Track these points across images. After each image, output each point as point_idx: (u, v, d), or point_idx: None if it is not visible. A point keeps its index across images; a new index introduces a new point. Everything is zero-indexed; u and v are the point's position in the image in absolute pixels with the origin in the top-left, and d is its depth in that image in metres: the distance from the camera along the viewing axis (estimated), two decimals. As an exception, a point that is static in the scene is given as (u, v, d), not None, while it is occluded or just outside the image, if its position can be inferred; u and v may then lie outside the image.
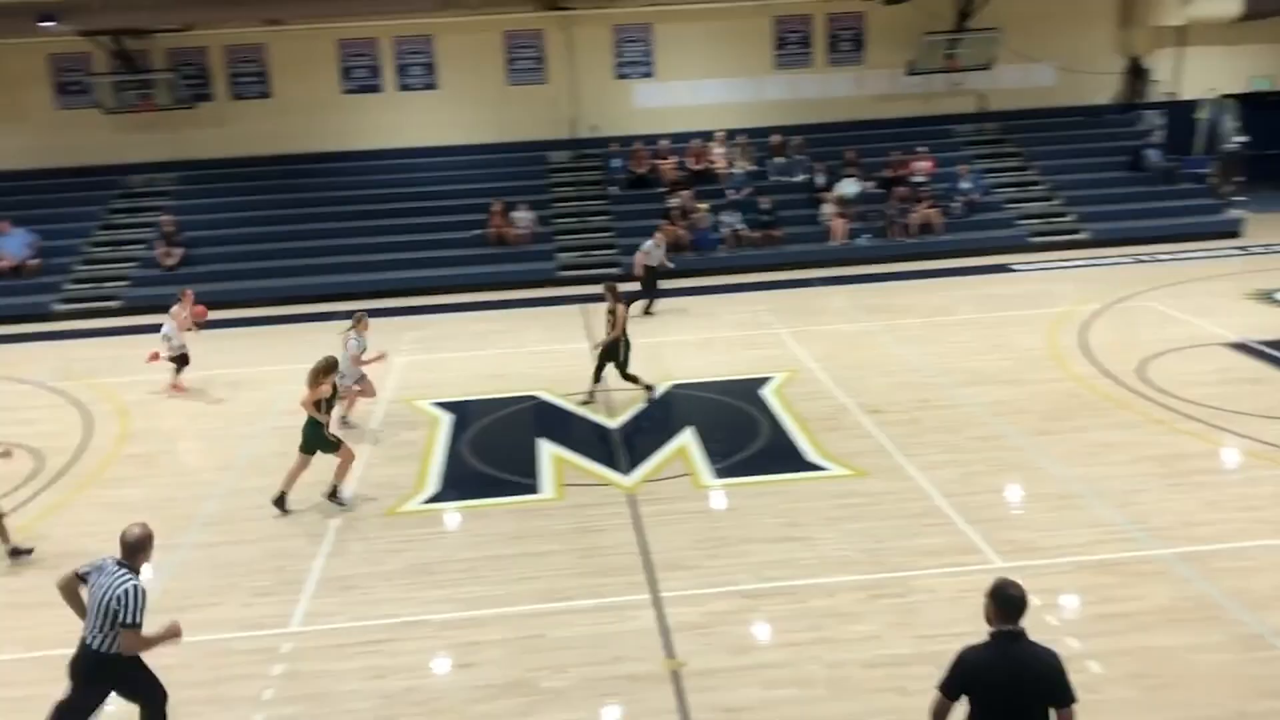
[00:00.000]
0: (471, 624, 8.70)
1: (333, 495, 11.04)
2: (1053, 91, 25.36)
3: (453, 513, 11.01)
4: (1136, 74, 25.50)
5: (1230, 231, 22.31)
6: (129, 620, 6.35)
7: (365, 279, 21.39)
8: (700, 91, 24.93)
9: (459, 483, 11.74)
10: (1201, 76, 25.49)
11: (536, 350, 16.93)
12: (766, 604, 8.75)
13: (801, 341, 16.45)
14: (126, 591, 6.37)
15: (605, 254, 22.45)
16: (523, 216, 22.66)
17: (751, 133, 24.43)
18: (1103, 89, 25.59)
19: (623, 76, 24.83)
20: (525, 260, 22.16)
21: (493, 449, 12.76)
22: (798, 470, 11.54)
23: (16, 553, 10.08)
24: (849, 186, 23.02)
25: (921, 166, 23.35)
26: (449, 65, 24.48)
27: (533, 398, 14.51)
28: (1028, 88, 25.28)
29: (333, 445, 10.92)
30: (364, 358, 13.19)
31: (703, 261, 21.91)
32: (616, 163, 24.12)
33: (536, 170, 24.48)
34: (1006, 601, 5.27)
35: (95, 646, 6.47)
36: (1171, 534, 9.56)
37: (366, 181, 23.83)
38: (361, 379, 13.32)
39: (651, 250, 18.72)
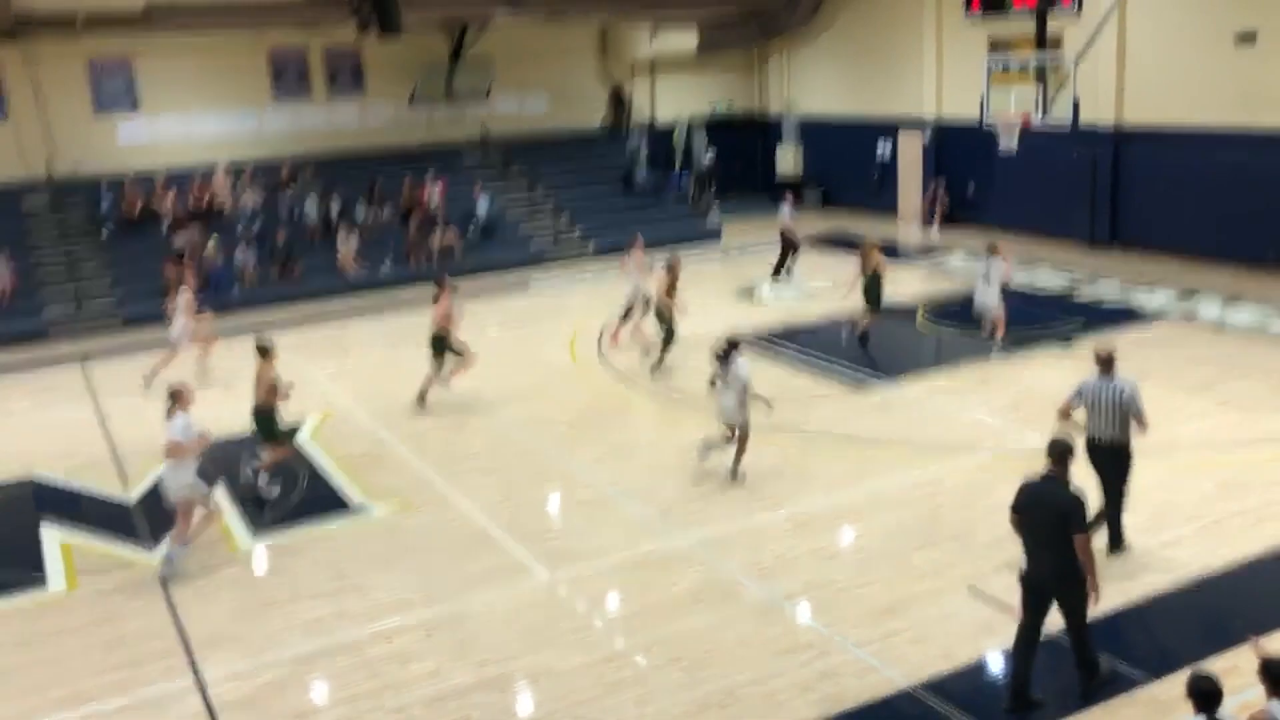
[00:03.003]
0: (-24, 755, 7.54)
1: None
2: (547, 118, 26.96)
3: (-64, 628, 9.44)
4: (619, 101, 27.84)
5: (714, 237, 25.00)
6: (1140, 411, 8.76)
7: None
8: (195, 125, 23.51)
9: (-62, 592, 10.08)
10: (673, 102, 28.42)
11: (25, 421, 14.99)
12: (322, 662, 8.44)
13: (333, 379, 16.07)
14: (1136, 389, 8.83)
15: (104, 302, 20.46)
16: (-4, 270, 19.99)
17: (257, 166, 23.42)
18: (592, 115, 27.64)
19: (104, 111, 22.72)
20: (6, 318, 19.54)
21: (-19, 544, 11.12)
22: (343, 515, 11.24)
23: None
24: (310, 207, 22.85)
25: (434, 192, 23.69)
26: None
27: (28, 479, 12.84)
28: (524, 115, 26.68)
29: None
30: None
31: (218, 302, 20.66)
32: (107, 203, 22.01)
33: (10, 217, 21.69)
34: (1049, 449, 7.26)
35: (1108, 439, 8.88)
36: (691, 522, 10.54)
37: None
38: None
39: (788, 213, 20.50)
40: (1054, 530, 7.04)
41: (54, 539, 11.03)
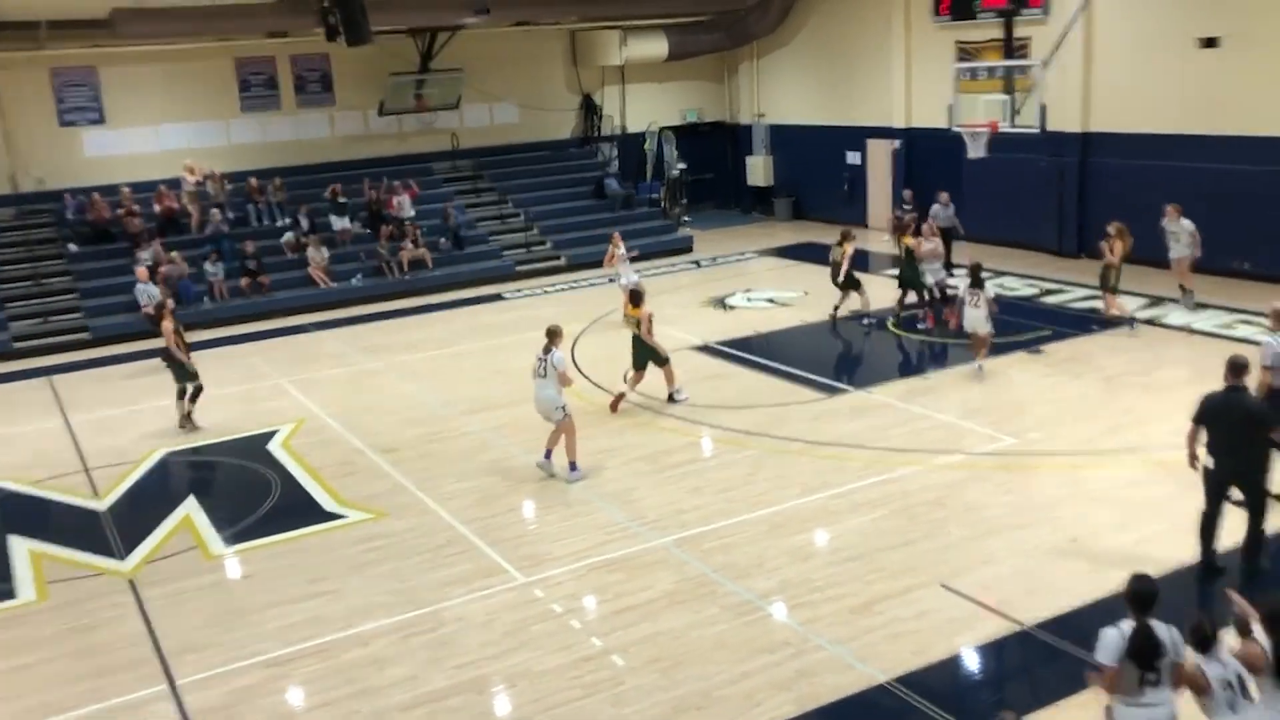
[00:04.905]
0: (-57, 767, 7.42)
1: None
2: (518, 128, 26.98)
3: (-99, 641, 9.29)
4: (590, 110, 27.90)
5: (685, 248, 25.07)
6: None
7: None
8: (162, 137, 23.33)
9: (-96, 605, 9.93)
10: (644, 111, 28.51)
11: (-7, 435, 14.82)
12: (297, 668, 8.39)
13: (305, 390, 15.97)
14: None
15: (70, 318, 20.25)
16: (-42, 285, 19.75)
17: (225, 176, 23.26)
18: (562, 125, 27.71)
19: (69, 124, 22.53)
20: (-31, 335, 19.34)
21: (-51, 557, 10.96)
22: (316, 522, 11.17)
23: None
24: (280, 219, 22.90)
25: (403, 202, 23.54)
26: None
27: (-5, 490, 12.71)
28: (495, 125, 26.69)
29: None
30: None
31: (185, 315, 20.38)
32: (73, 217, 21.80)
33: (-26, 232, 21.50)
34: (1231, 365, 8.44)
35: None
36: (665, 524, 10.55)
37: None
38: None
39: (939, 213, 19.64)
40: (1242, 432, 8.33)
41: (23, 549, 10.90)
